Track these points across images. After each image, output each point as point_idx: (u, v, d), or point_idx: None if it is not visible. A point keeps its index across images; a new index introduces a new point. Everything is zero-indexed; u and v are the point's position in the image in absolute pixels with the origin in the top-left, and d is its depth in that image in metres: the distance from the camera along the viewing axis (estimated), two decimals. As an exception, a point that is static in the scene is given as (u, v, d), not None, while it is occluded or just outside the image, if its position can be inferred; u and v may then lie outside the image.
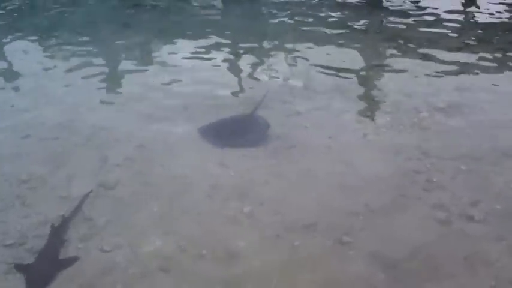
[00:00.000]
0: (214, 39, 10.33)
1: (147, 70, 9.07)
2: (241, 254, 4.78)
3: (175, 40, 10.47)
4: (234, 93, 8.00)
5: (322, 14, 11.45)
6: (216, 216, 5.30)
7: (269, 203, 5.45)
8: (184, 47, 10.03)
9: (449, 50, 9.17)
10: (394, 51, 9.39)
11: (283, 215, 5.27)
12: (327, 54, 9.33)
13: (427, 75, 8.23)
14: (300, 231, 5.03)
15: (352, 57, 9.17)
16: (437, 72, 8.33)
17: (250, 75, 8.66)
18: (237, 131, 6.70)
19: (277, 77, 8.47)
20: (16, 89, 8.62)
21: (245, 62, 9.24)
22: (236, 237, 4.99)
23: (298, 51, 9.54)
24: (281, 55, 9.46)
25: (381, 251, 4.75)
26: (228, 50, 9.87)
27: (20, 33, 11.20)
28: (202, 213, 5.36)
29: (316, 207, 5.37)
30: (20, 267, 4.70)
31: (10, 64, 9.73)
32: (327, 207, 5.36)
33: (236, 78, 8.57)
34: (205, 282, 4.50)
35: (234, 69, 8.99)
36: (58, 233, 5.06)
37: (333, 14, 11.43)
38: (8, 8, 13.08)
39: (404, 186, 5.64)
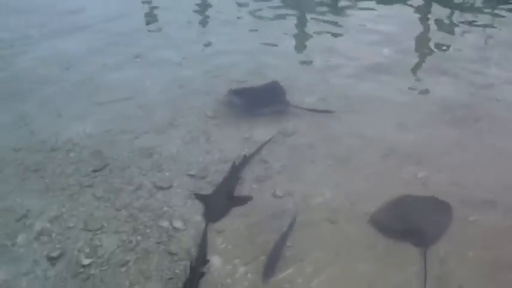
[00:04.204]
0: None
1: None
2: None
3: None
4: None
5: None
6: (389, 177, 5.23)
7: (447, 172, 5.24)
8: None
9: None
10: None
11: (460, 186, 5.05)
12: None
13: None
14: (477, 206, 4.78)
15: None
16: None
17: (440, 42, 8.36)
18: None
19: (469, 47, 8.05)
20: (208, 33, 9.18)
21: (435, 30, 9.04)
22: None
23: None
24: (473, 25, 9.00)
25: None
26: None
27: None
28: (375, 172, 5.32)
29: (498, 184, 5.06)
30: (198, 197, 5.06)
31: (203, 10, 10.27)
32: (510, 186, 5.03)
33: (423, 43, 8.36)
34: (367, 239, 4.48)
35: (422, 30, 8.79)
36: (237, 170, 5.35)
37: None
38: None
39: None
